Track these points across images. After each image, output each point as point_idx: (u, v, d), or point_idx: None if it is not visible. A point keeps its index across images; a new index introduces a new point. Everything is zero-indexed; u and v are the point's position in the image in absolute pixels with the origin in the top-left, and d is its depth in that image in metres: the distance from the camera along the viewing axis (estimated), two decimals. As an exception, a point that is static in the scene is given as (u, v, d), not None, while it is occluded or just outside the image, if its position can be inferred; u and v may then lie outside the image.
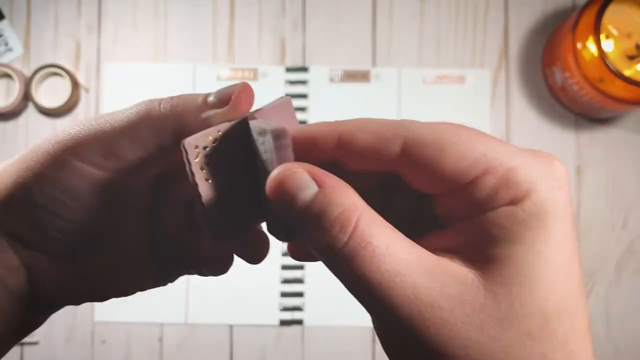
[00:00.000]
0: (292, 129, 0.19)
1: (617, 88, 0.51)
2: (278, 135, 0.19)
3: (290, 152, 0.19)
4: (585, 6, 0.51)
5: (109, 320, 0.56)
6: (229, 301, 0.56)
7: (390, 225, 0.17)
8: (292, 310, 0.56)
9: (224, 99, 0.21)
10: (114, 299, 0.25)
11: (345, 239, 0.17)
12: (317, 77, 0.58)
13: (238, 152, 0.20)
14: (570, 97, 0.55)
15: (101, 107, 0.58)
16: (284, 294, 0.56)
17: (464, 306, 0.16)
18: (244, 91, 0.22)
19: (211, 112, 0.21)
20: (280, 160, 0.19)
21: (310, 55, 0.58)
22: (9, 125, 0.58)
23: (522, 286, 0.16)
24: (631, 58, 0.51)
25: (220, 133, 0.20)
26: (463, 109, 0.57)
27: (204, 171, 0.19)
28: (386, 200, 0.20)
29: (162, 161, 0.23)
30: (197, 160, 0.19)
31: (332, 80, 0.58)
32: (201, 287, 0.56)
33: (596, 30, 0.49)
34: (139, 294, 0.25)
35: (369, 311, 0.17)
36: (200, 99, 0.21)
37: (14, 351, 0.56)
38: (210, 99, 0.21)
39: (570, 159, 0.57)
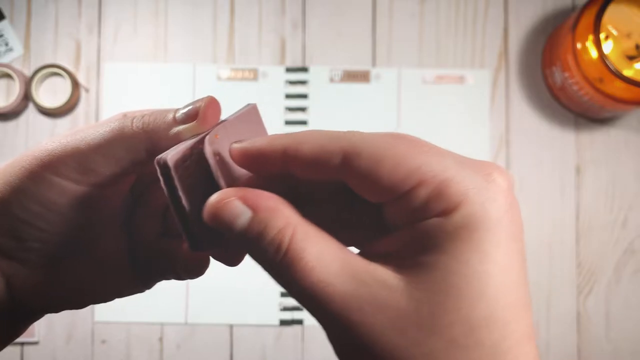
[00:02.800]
0: (241, 145, 0.20)
1: (617, 88, 0.51)
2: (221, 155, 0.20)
3: (237, 169, 0.20)
4: (585, 6, 0.51)
5: (109, 320, 0.56)
6: (229, 301, 0.56)
7: (324, 235, 0.19)
8: (292, 310, 0.56)
9: (192, 114, 0.22)
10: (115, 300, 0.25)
11: (280, 256, 0.18)
12: (317, 77, 0.58)
13: (204, 168, 0.21)
14: (570, 97, 0.55)
15: (101, 107, 0.58)
16: (284, 294, 0.56)
17: (388, 311, 0.17)
18: (209, 105, 0.22)
19: (180, 128, 0.22)
20: (226, 179, 0.20)
21: (310, 56, 0.58)
22: (9, 125, 0.58)
23: (447, 295, 0.17)
24: (631, 58, 0.51)
25: (188, 149, 0.21)
26: (463, 109, 0.57)
27: (179, 186, 0.20)
28: (344, 205, 0.21)
29: (136, 173, 0.24)
30: (174, 175, 0.20)
31: (332, 80, 0.58)
32: (201, 287, 0.56)
33: (596, 31, 0.49)
34: (137, 294, 0.26)
35: (313, 317, 0.19)
36: (170, 116, 0.22)
37: (14, 351, 0.56)
38: (178, 115, 0.22)
39: (569, 159, 0.57)
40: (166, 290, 0.56)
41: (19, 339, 0.56)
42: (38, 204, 0.22)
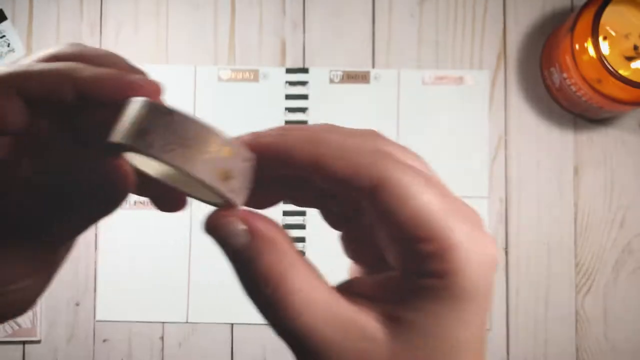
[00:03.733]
0: (264, 138, 0.20)
1: (615, 89, 0.51)
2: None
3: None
4: (584, 7, 0.51)
5: (110, 319, 0.56)
6: (230, 300, 0.56)
7: (315, 277, 0.19)
8: (292, 309, 0.56)
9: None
10: (115, 298, 0.25)
11: (268, 293, 0.18)
12: (317, 78, 0.58)
13: None
14: (568, 97, 0.55)
15: (103, 108, 0.58)
16: (284, 293, 0.56)
17: None
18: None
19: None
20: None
21: (310, 57, 0.58)
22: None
23: (426, 355, 0.18)
24: (629, 59, 0.52)
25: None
26: (462, 110, 0.58)
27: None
28: (354, 215, 0.21)
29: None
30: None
31: (332, 81, 0.58)
32: (202, 285, 0.56)
33: (594, 32, 0.50)
34: (138, 293, 0.26)
35: (292, 352, 0.19)
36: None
37: (16, 349, 0.56)
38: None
39: (568, 159, 0.58)
40: (167, 289, 0.56)
41: (21, 338, 0.56)
42: None
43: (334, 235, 0.23)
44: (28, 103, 0.20)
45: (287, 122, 0.58)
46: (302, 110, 0.58)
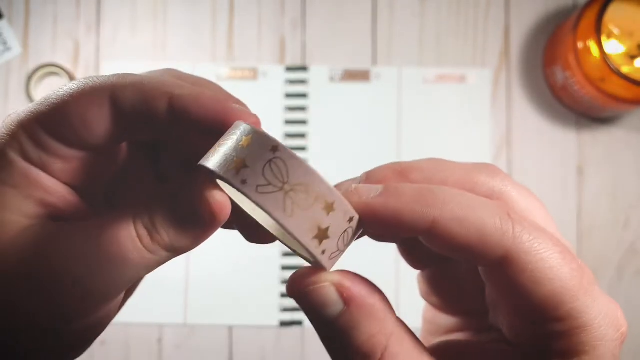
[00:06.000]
0: (370, 195, 0.16)
1: (619, 88, 0.50)
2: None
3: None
4: (587, 5, 0.51)
5: (108, 320, 0.56)
6: (228, 302, 0.56)
7: (419, 346, 0.16)
8: (292, 311, 0.56)
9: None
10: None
11: None
12: (317, 76, 0.57)
13: None
14: (571, 96, 0.55)
15: (100, 107, 0.58)
16: (284, 295, 0.56)
17: None
18: None
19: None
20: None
21: (310, 55, 0.58)
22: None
23: None
24: (633, 57, 0.51)
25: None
26: (464, 109, 0.57)
27: None
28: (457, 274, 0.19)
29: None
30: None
31: (332, 79, 0.57)
32: (201, 287, 0.56)
33: (597, 30, 0.49)
34: (136, 295, 0.24)
35: None
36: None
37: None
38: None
39: (571, 158, 0.57)
40: (165, 291, 0.56)
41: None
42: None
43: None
44: (119, 116, 0.18)
45: (287, 121, 0.57)
46: (302, 109, 0.57)
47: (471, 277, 0.19)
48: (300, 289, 0.16)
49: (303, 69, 0.57)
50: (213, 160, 0.16)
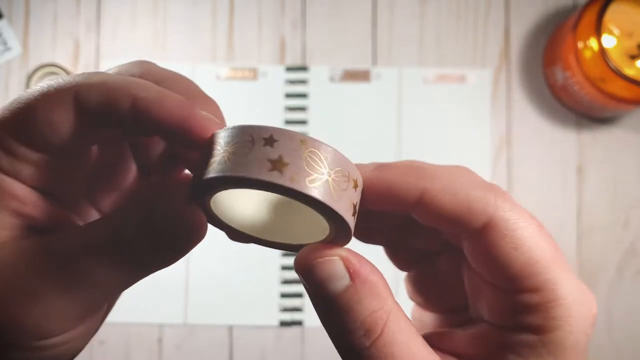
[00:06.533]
0: (365, 172, 0.17)
1: (619, 88, 0.50)
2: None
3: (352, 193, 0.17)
4: (587, 5, 0.51)
5: (108, 320, 0.56)
6: (228, 302, 0.56)
7: (413, 328, 0.17)
8: (292, 311, 0.56)
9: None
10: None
11: (367, 343, 0.16)
12: (317, 76, 0.57)
13: None
14: (571, 96, 0.55)
15: (100, 107, 0.58)
16: (284, 295, 0.56)
17: None
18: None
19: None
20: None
21: (310, 55, 0.58)
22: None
23: None
24: (633, 57, 0.51)
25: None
26: (464, 109, 0.57)
27: None
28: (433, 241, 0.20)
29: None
30: None
31: (332, 79, 0.57)
32: (201, 287, 0.56)
33: (597, 30, 0.49)
34: (136, 295, 0.24)
35: None
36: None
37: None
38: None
39: (571, 158, 0.57)
40: (165, 291, 0.56)
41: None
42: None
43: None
44: (83, 117, 0.17)
45: (287, 121, 0.57)
46: (302, 109, 0.57)
47: (451, 275, 0.20)
48: (308, 261, 0.17)
49: (303, 69, 0.57)
50: (237, 168, 0.16)
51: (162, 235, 0.17)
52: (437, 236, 0.20)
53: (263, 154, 0.16)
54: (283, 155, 0.15)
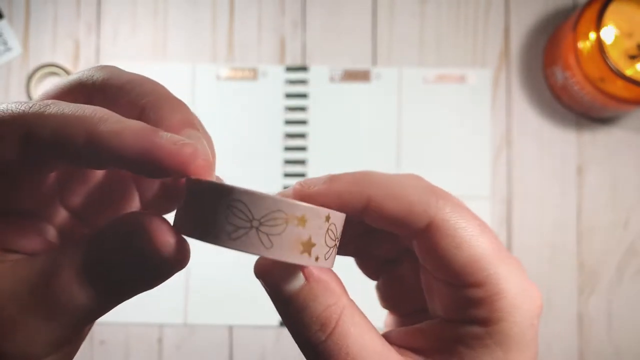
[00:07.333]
0: (317, 188, 0.18)
1: (619, 88, 0.50)
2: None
3: None
4: (586, 5, 0.51)
5: (108, 320, 0.56)
6: (228, 302, 0.56)
7: (368, 324, 0.18)
8: (292, 310, 0.56)
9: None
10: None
11: (323, 337, 0.17)
12: (317, 76, 0.57)
13: None
14: (571, 96, 0.55)
15: (100, 107, 0.58)
16: (284, 295, 0.56)
17: None
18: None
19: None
20: None
21: (310, 55, 0.58)
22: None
23: None
24: (632, 57, 0.51)
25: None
26: (464, 109, 0.57)
27: None
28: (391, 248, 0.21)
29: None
30: None
31: (332, 79, 0.57)
32: (201, 287, 0.56)
33: (597, 30, 0.49)
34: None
35: None
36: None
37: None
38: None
39: (571, 158, 0.57)
40: (165, 291, 0.56)
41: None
42: None
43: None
44: (33, 152, 0.17)
45: (287, 121, 0.57)
46: (302, 109, 0.57)
47: (412, 279, 0.21)
48: (266, 266, 0.18)
49: (303, 69, 0.57)
50: (182, 224, 0.17)
51: (141, 265, 0.17)
52: (397, 243, 0.21)
53: (195, 211, 0.16)
54: (208, 212, 0.16)
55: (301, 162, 0.57)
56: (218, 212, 0.16)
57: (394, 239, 0.20)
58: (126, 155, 0.16)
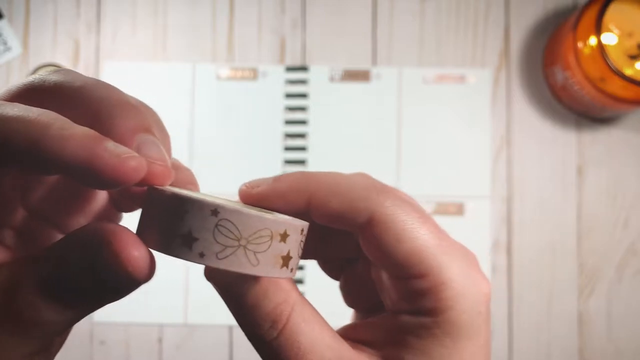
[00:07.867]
0: (259, 189, 0.19)
1: (619, 88, 0.50)
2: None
3: None
4: (587, 5, 0.51)
5: (108, 320, 0.56)
6: (228, 301, 0.56)
7: (320, 319, 0.18)
8: (291, 310, 0.56)
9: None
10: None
11: (275, 334, 0.18)
12: (317, 76, 0.57)
13: None
14: (571, 96, 0.55)
15: (100, 107, 0.58)
16: (284, 295, 0.56)
17: None
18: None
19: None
20: None
21: (310, 55, 0.58)
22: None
23: None
24: (632, 57, 0.51)
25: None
26: (463, 109, 0.57)
27: None
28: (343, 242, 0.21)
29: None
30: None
31: (332, 79, 0.57)
32: (200, 287, 0.56)
33: (597, 30, 0.49)
34: (136, 295, 0.24)
35: None
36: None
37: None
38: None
39: (571, 158, 0.57)
40: (165, 291, 0.56)
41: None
42: None
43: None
44: None
45: (286, 121, 0.57)
46: (302, 109, 0.57)
47: (366, 275, 0.21)
48: (213, 269, 0.18)
49: (303, 69, 0.57)
50: (152, 239, 0.16)
51: (104, 282, 0.16)
52: (353, 242, 0.21)
53: (173, 226, 0.16)
54: (192, 229, 0.15)
55: (301, 162, 0.57)
56: (204, 230, 0.15)
57: (351, 238, 0.21)
58: (68, 164, 0.15)
